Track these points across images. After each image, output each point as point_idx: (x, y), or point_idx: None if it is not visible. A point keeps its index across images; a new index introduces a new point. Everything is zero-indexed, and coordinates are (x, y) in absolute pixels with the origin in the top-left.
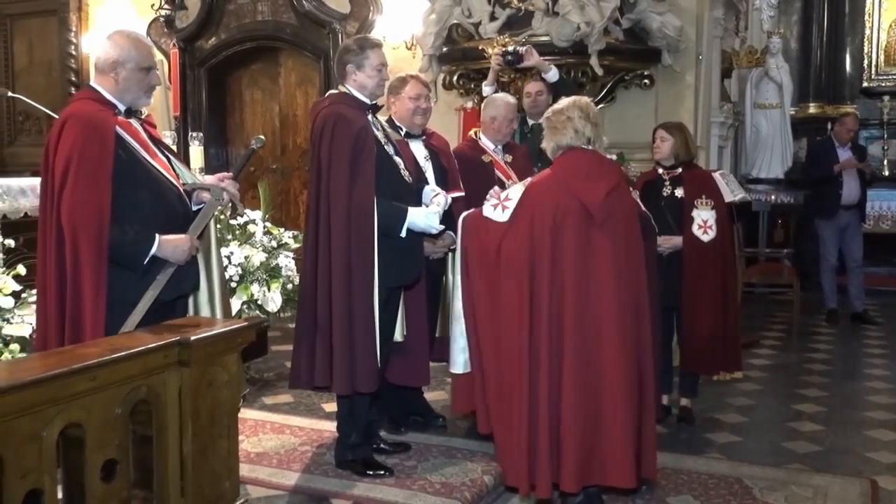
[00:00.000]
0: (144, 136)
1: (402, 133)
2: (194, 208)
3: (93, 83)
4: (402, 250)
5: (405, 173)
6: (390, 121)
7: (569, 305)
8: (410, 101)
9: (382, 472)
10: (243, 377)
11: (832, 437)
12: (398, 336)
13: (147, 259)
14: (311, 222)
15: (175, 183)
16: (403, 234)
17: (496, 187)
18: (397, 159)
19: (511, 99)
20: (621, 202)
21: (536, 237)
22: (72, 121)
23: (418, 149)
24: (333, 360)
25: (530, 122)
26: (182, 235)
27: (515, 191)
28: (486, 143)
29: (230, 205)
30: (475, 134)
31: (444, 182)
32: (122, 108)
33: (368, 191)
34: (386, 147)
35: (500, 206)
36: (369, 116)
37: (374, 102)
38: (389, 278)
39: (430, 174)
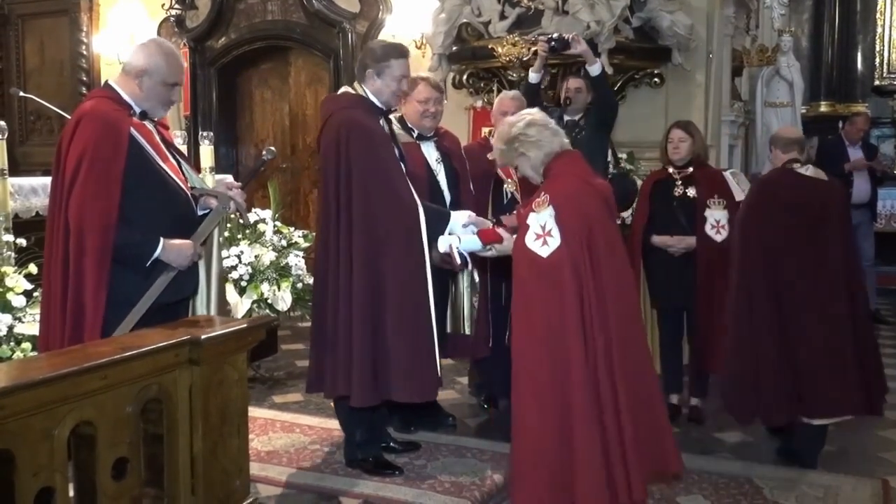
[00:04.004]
0: (157, 138)
1: (415, 135)
2: (200, 213)
3: (113, 82)
4: None
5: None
6: (402, 121)
7: (619, 297)
8: (419, 105)
9: (392, 472)
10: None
11: (844, 437)
12: (468, 330)
13: (150, 261)
14: (331, 230)
15: (183, 187)
16: (445, 245)
17: (504, 225)
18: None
19: (510, 94)
20: None
21: (589, 237)
22: (87, 119)
23: (430, 151)
24: (393, 368)
25: (566, 118)
26: (186, 241)
27: (547, 216)
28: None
29: (236, 214)
30: (489, 133)
31: (455, 184)
32: (137, 110)
33: (409, 194)
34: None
35: (543, 238)
36: (381, 121)
37: (388, 108)
38: None
39: (441, 177)
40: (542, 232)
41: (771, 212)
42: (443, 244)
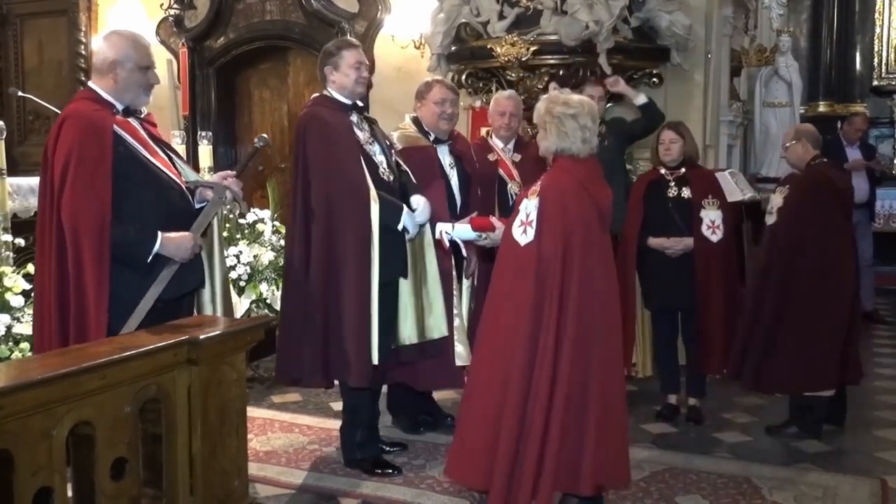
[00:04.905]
0: (144, 134)
1: (431, 139)
2: (197, 206)
3: (91, 84)
4: (390, 246)
5: (385, 172)
6: (418, 123)
7: (595, 305)
8: (435, 106)
9: (391, 471)
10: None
11: (842, 437)
12: (444, 331)
13: (150, 257)
14: (290, 221)
15: (177, 180)
16: (400, 227)
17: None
18: (380, 158)
19: (506, 93)
20: None
21: (567, 237)
22: (69, 121)
23: (444, 155)
24: (329, 352)
25: None
26: (185, 233)
27: (532, 206)
28: (496, 141)
29: (235, 204)
30: (487, 133)
31: (466, 188)
32: (120, 107)
33: (362, 181)
34: (368, 146)
35: (525, 227)
36: (353, 117)
37: (355, 102)
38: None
39: (454, 181)
40: (526, 220)
41: (832, 200)
42: (436, 231)
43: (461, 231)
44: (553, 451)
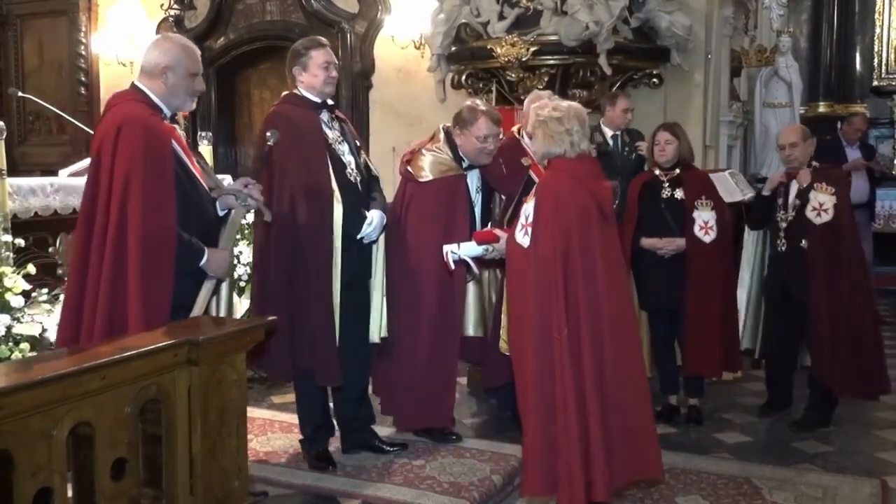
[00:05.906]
0: (185, 142)
1: (464, 165)
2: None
3: (139, 84)
4: (353, 246)
5: (352, 172)
6: (454, 148)
7: (603, 298)
8: (477, 142)
9: (326, 466)
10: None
11: (842, 438)
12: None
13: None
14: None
15: (206, 189)
16: (358, 236)
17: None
18: (348, 158)
19: (545, 93)
20: None
21: (566, 234)
22: (130, 126)
23: (473, 180)
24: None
25: (608, 131)
26: (223, 251)
27: (530, 208)
28: (528, 142)
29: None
30: (518, 132)
31: (486, 212)
32: (168, 112)
33: (326, 181)
34: (337, 145)
35: (525, 229)
36: (323, 115)
37: (325, 100)
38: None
39: (478, 207)
40: (525, 223)
41: None
42: (443, 253)
43: (467, 248)
44: (597, 438)
